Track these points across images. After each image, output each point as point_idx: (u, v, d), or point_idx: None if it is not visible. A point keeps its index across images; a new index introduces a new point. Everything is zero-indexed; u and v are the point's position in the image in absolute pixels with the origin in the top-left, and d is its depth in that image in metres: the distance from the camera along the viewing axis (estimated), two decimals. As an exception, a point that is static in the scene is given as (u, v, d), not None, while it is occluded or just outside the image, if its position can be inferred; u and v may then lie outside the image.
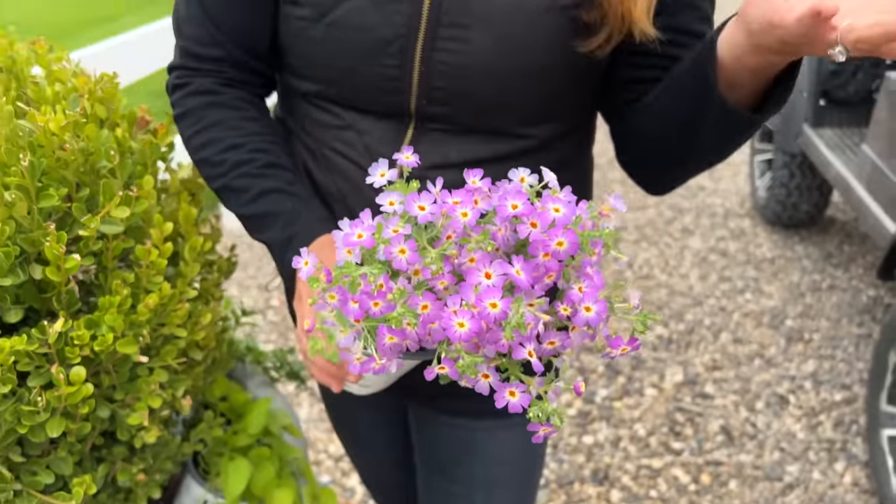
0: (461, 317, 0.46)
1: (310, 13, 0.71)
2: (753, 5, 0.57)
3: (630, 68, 0.76)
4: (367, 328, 0.48)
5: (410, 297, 0.47)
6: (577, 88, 0.76)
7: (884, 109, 2.13)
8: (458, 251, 0.48)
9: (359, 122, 0.76)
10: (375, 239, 0.48)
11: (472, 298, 0.46)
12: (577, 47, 0.70)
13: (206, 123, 0.77)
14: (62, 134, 0.67)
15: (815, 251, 3.01)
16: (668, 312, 2.64)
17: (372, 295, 0.47)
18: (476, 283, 0.46)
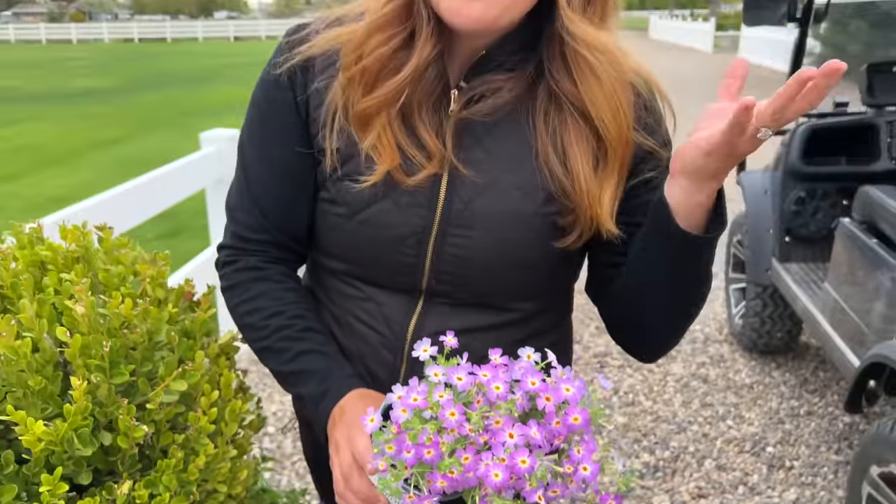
0: (496, 468, 0.58)
1: (345, 212, 0.86)
2: (681, 156, 0.73)
3: (604, 254, 0.92)
4: (417, 472, 0.61)
5: (457, 452, 0.60)
6: (555, 275, 0.91)
7: (840, 251, 2.33)
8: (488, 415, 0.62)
9: (378, 295, 0.90)
10: (428, 398, 0.62)
11: (502, 453, 0.59)
12: (555, 244, 0.86)
13: (252, 294, 0.91)
14: (132, 319, 0.81)
15: (791, 377, 3.14)
16: (654, 439, 2.72)
17: (426, 445, 0.60)
18: (503, 441, 0.59)
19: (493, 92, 0.83)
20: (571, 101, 0.82)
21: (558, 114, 0.82)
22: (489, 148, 0.83)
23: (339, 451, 0.78)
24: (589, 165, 0.81)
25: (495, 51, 0.82)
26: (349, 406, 0.80)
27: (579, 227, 0.84)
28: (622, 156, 0.82)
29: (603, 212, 0.83)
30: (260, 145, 0.91)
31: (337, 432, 0.79)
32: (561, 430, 0.61)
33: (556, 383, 0.62)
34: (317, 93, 0.87)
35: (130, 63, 23.84)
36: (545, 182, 0.82)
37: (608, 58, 0.80)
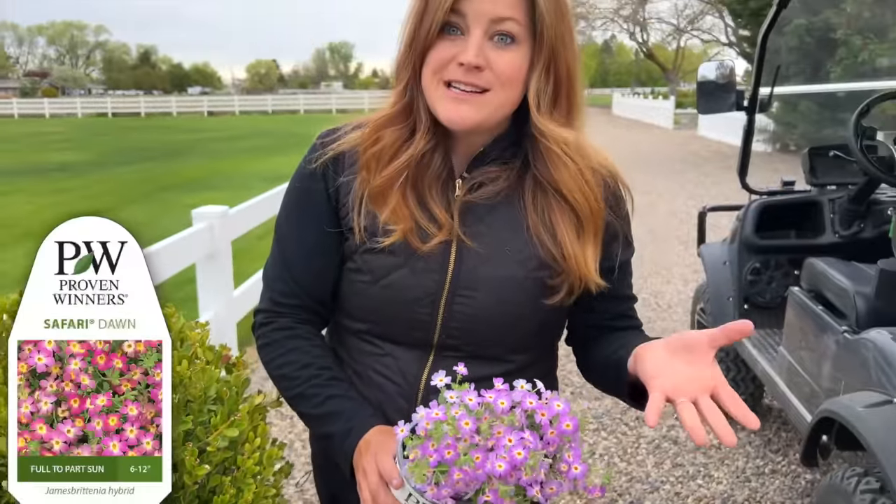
0: (500, 461, 0.75)
1: (369, 279, 1.04)
2: (646, 362, 0.89)
3: (581, 316, 1.11)
4: (438, 471, 0.77)
5: (470, 451, 0.76)
6: (544, 330, 1.09)
7: (791, 318, 2.56)
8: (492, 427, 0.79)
9: (395, 350, 1.07)
10: (447, 413, 0.78)
11: (504, 451, 0.75)
12: (545, 302, 1.04)
13: (286, 349, 1.07)
14: (188, 377, 0.97)
15: (756, 438, 3.32)
16: (629, 498, 2.86)
17: (447, 446, 0.76)
18: (505, 443, 0.76)
19: (490, 180, 1.03)
20: (552, 185, 1.02)
21: (544, 196, 1.02)
22: (490, 224, 1.02)
23: (367, 474, 0.92)
24: (573, 234, 1.01)
25: (490, 147, 1.02)
26: (373, 439, 0.96)
27: (567, 285, 1.03)
28: (595, 224, 1.02)
29: (589, 270, 1.02)
30: (296, 227, 1.09)
31: (364, 460, 0.94)
32: (555, 438, 0.78)
33: (549, 402, 0.80)
34: (345, 184, 1.06)
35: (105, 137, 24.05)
36: (536, 251, 1.01)
37: (573, 149, 1.00)
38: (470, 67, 0.93)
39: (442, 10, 0.93)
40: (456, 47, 0.94)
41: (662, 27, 37.55)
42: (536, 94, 0.98)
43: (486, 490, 0.77)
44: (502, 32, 0.94)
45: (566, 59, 0.98)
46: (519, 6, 0.94)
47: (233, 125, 30.47)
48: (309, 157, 1.09)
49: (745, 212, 3.19)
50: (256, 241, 7.38)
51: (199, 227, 3.46)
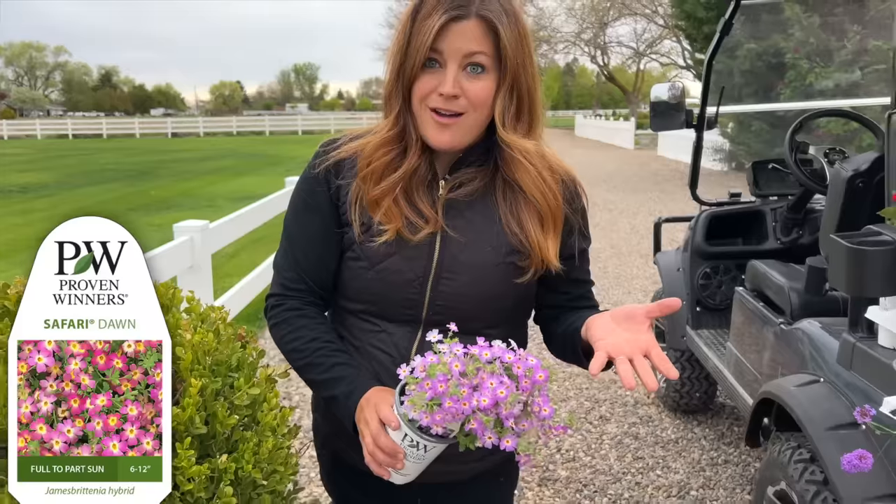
0: (483, 396, 0.93)
1: (366, 265, 1.22)
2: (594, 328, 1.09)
3: (547, 296, 1.31)
4: (432, 403, 0.95)
5: (459, 387, 0.94)
6: (517, 306, 1.29)
7: (737, 315, 2.80)
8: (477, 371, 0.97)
9: (389, 327, 1.26)
10: (440, 359, 0.97)
11: (489, 390, 0.94)
12: (515, 281, 1.23)
13: (296, 326, 1.25)
14: (214, 346, 1.15)
15: (710, 432, 3.55)
16: (593, 488, 3.06)
17: (440, 382, 0.94)
18: (488, 384, 0.95)
19: (468, 180, 1.23)
20: (518, 184, 1.22)
21: (512, 194, 1.22)
22: (469, 218, 1.22)
23: (369, 422, 1.10)
24: (537, 225, 1.21)
25: (467, 153, 1.23)
26: (372, 396, 1.14)
27: (533, 267, 1.23)
28: (555, 218, 1.22)
29: (550, 255, 1.22)
30: (302, 223, 1.28)
31: (365, 412, 1.12)
32: (528, 386, 0.97)
33: (524, 357, 0.99)
34: (344, 185, 1.25)
35: (67, 158, 23.75)
36: (507, 240, 1.21)
37: (533, 156, 1.21)
38: (448, 96, 1.13)
39: (424, 49, 1.13)
40: (436, 79, 1.14)
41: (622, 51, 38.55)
42: (501, 112, 1.18)
43: (471, 420, 0.96)
44: (474, 63, 1.15)
45: (526, 81, 1.18)
46: (486, 41, 1.14)
47: (198, 146, 30.34)
48: (313, 163, 1.28)
49: (696, 222, 3.44)
50: (227, 259, 7.49)
51: (181, 240, 3.61)
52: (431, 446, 1.02)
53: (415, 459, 1.05)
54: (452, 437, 1.02)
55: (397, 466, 1.06)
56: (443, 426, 0.97)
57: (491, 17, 1.13)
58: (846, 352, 1.86)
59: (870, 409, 1.24)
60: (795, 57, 11.02)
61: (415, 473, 1.10)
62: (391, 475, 1.09)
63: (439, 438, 1.00)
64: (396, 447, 1.05)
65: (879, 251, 1.52)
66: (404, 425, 1.03)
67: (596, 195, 12.38)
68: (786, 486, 2.04)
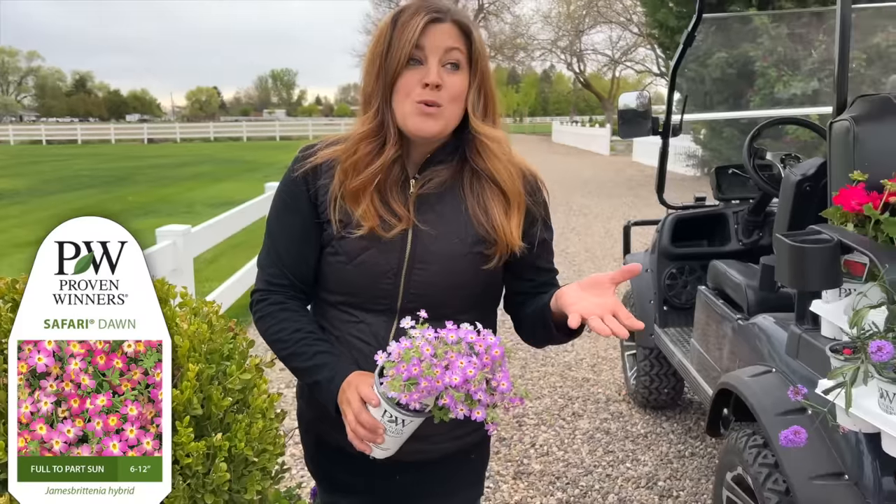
0: (454, 375, 1.05)
1: (344, 259, 1.33)
2: (564, 296, 1.22)
3: (514, 283, 1.42)
4: (409, 383, 1.06)
5: (431, 367, 1.06)
6: (486, 293, 1.40)
7: (700, 312, 2.95)
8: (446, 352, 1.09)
9: (366, 317, 1.36)
10: (413, 344, 1.08)
11: (459, 369, 1.06)
12: (483, 268, 1.35)
13: (280, 318, 1.35)
14: (208, 335, 1.25)
15: (678, 427, 3.70)
16: (566, 480, 3.18)
17: (414, 365, 1.06)
18: (458, 364, 1.06)
19: (437, 176, 1.34)
20: (486, 173, 1.34)
21: (479, 183, 1.34)
22: (438, 212, 1.33)
23: (351, 401, 1.20)
24: (502, 211, 1.33)
25: (437, 152, 1.34)
26: (353, 378, 1.24)
27: (498, 253, 1.34)
28: (518, 202, 1.34)
29: (514, 238, 1.34)
30: (283, 223, 1.38)
31: (346, 393, 1.22)
32: (489, 362, 1.09)
33: (485, 336, 1.11)
34: (323, 186, 1.36)
35: (41, 165, 23.53)
36: (473, 230, 1.33)
37: (501, 145, 1.34)
38: (433, 86, 1.26)
39: (409, 46, 1.26)
40: (419, 73, 1.27)
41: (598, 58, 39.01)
42: (472, 105, 1.32)
43: (444, 396, 1.08)
44: (451, 61, 1.28)
45: (489, 82, 1.33)
46: (460, 40, 1.29)
47: (174, 152, 30.17)
48: (293, 167, 1.39)
49: (663, 225, 3.60)
50: (206, 264, 7.54)
51: (163, 244, 3.69)
52: (409, 421, 1.14)
53: (394, 434, 1.16)
54: (428, 412, 1.14)
55: (378, 441, 1.17)
56: (419, 402, 1.09)
57: (464, 21, 1.30)
58: (793, 343, 2.00)
59: (802, 389, 1.38)
60: (764, 66, 11.31)
61: (394, 447, 1.21)
62: (372, 450, 1.20)
63: (416, 413, 1.12)
64: (377, 423, 1.16)
65: (818, 248, 1.66)
66: (384, 402, 1.14)
67: (572, 200, 12.57)
68: (742, 471, 2.18)
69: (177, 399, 1.13)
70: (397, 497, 1.45)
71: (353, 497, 1.48)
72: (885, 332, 1.40)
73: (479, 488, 1.53)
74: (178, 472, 1.13)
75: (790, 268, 1.72)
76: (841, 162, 1.92)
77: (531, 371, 4.52)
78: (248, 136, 43.28)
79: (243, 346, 1.36)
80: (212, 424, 1.21)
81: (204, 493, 1.16)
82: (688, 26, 3.38)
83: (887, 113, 1.90)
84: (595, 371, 4.50)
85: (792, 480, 1.90)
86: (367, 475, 1.41)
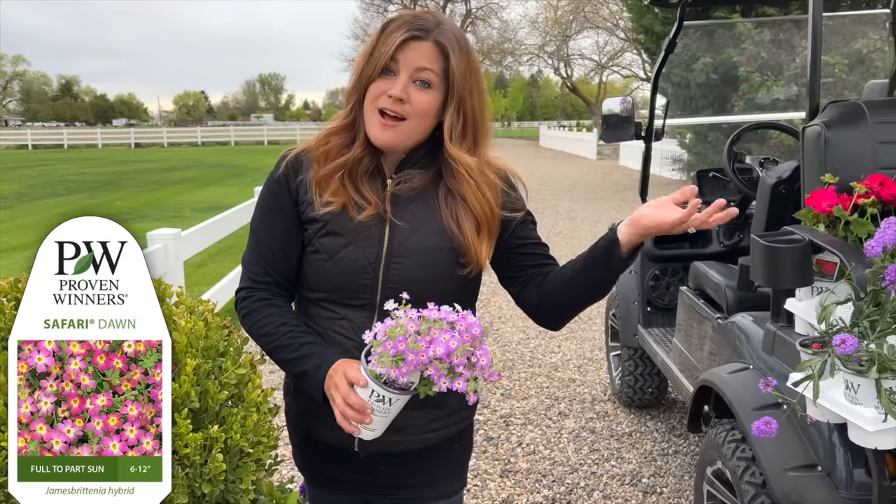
0: (439, 347, 1.11)
1: (325, 257, 1.39)
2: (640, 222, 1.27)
3: (514, 261, 1.46)
4: (396, 358, 1.12)
5: (416, 342, 1.11)
6: (461, 287, 1.44)
7: (681, 311, 3.02)
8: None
9: (348, 313, 1.41)
10: (398, 323, 1.14)
11: (442, 343, 1.11)
12: (458, 270, 1.40)
13: (265, 313, 1.39)
14: (204, 333, 1.30)
15: (662, 425, 3.77)
16: (552, 478, 3.25)
17: (400, 342, 1.11)
18: (441, 339, 1.12)
19: (411, 179, 1.40)
20: (459, 194, 1.40)
21: (453, 200, 1.40)
22: (413, 211, 1.39)
23: (339, 385, 1.25)
24: (473, 231, 1.38)
25: (411, 155, 1.40)
26: (339, 365, 1.29)
27: (471, 265, 1.40)
28: (490, 226, 1.40)
29: (481, 258, 1.40)
30: (267, 223, 1.44)
31: (334, 378, 1.27)
32: (469, 339, 1.15)
33: (465, 316, 1.17)
34: (302, 184, 1.41)
35: (27, 169, 23.38)
36: (447, 232, 1.38)
37: (474, 171, 1.39)
38: (396, 99, 1.32)
39: (384, 58, 1.32)
40: (388, 84, 1.33)
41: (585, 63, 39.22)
42: (449, 127, 1.37)
43: (429, 367, 1.14)
44: (422, 78, 1.34)
45: (472, 105, 1.37)
46: (437, 61, 1.34)
47: (162, 157, 30.07)
48: (275, 167, 1.45)
49: (646, 227, 3.66)
50: (195, 268, 7.56)
51: (154, 247, 3.72)
52: (395, 399, 1.19)
53: (381, 413, 1.21)
54: (413, 389, 1.19)
55: (366, 421, 1.22)
56: (406, 377, 1.15)
57: (445, 43, 1.34)
58: (769, 340, 2.08)
59: (772, 381, 1.45)
60: (748, 70, 11.47)
61: (381, 428, 1.26)
62: (360, 431, 1.25)
63: (402, 391, 1.17)
64: (365, 403, 1.22)
65: (790, 248, 1.73)
66: (371, 382, 1.20)
67: (559, 204, 12.67)
68: (721, 465, 2.25)
69: (175, 392, 1.18)
70: (382, 487, 1.50)
71: (339, 489, 1.53)
72: (850, 326, 1.47)
73: (462, 479, 1.58)
74: (176, 462, 1.18)
75: (763, 267, 1.79)
76: (813, 165, 2.00)
77: (518, 372, 4.58)
78: (235, 140, 43.20)
79: (238, 342, 1.41)
80: (208, 417, 1.26)
81: (201, 482, 1.21)
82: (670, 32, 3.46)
83: (857, 118, 1.98)
84: (581, 372, 4.57)
85: (768, 473, 1.97)
86: (352, 467, 1.46)
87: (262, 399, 1.37)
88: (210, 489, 1.22)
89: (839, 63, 10.05)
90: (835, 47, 9.52)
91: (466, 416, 1.53)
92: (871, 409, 1.42)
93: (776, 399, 1.60)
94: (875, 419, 1.42)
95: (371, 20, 38.07)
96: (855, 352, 1.37)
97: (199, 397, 1.24)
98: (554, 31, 35.74)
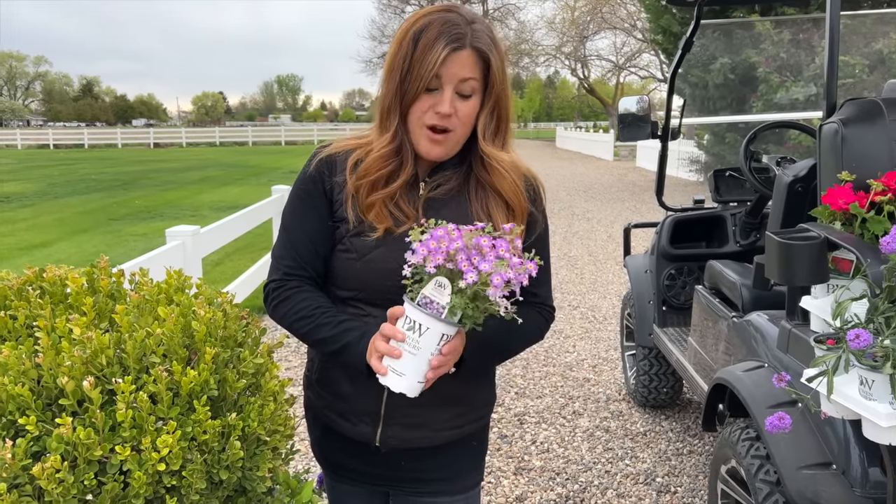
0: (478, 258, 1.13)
1: (355, 256, 1.41)
2: None
3: None
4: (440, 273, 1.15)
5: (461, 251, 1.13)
6: None
7: (697, 310, 3.01)
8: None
9: (374, 311, 1.43)
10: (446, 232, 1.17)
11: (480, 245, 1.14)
12: None
13: (300, 298, 1.41)
14: (223, 323, 1.32)
15: (677, 425, 3.76)
16: (566, 476, 3.25)
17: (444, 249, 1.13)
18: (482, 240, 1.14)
19: (445, 181, 1.42)
20: (492, 187, 1.42)
21: (484, 193, 1.42)
22: (444, 215, 1.41)
23: (377, 343, 1.25)
24: (504, 219, 1.40)
25: (445, 161, 1.42)
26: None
27: None
28: (521, 214, 1.42)
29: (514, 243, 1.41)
30: (300, 217, 1.46)
31: (375, 342, 1.27)
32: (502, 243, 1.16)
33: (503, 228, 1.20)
34: (338, 183, 1.43)
35: (49, 168, 23.68)
36: None
37: (507, 164, 1.41)
38: (444, 115, 1.34)
39: (429, 77, 1.32)
40: (433, 100, 1.35)
41: (602, 64, 39.11)
42: (483, 128, 1.39)
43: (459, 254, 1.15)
44: (465, 92, 1.35)
45: (506, 104, 1.40)
46: (476, 68, 1.35)
47: (180, 157, 30.33)
48: (309, 163, 1.47)
49: (662, 226, 3.66)
50: (213, 266, 7.62)
51: (173, 244, 3.77)
52: (425, 328, 1.19)
53: (411, 347, 1.21)
54: (444, 317, 1.19)
55: (395, 355, 1.22)
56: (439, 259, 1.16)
57: (483, 48, 1.35)
58: (784, 338, 2.07)
59: (785, 375, 1.45)
60: (767, 71, 11.38)
61: (410, 373, 1.23)
62: (389, 374, 1.24)
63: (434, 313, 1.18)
64: (396, 329, 1.22)
65: (805, 245, 1.73)
66: (406, 303, 1.21)
67: (575, 205, 12.64)
68: (735, 464, 2.24)
69: (195, 380, 1.20)
70: (403, 481, 1.52)
71: (359, 482, 1.55)
72: (865, 322, 1.47)
73: (479, 473, 1.60)
74: (195, 448, 1.20)
75: (779, 264, 1.79)
76: (830, 163, 1.99)
77: (533, 371, 4.58)
78: (253, 140, 43.46)
79: (256, 333, 1.44)
80: (227, 405, 1.28)
81: (219, 468, 1.23)
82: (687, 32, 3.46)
83: (874, 115, 1.97)
84: (596, 371, 4.56)
85: (782, 471, 1.97)
86: (373, 462, 1.48)
87: (279, 388, 1.39)
88: (228, 476, 1.24)
89: (859, 63, 9.96)
90: (855, 47, 9.43)
91: (485, 415, 1.55)
92: (885, 404, 1.42)
93: (790, 396, 1.60)
94: (889, 415, 1.41)
95: (388, 21, 38.17)
96: (869, 347, 1.37)
97: (218, 386, 1.27)
98: (571, 31, 35.65)
